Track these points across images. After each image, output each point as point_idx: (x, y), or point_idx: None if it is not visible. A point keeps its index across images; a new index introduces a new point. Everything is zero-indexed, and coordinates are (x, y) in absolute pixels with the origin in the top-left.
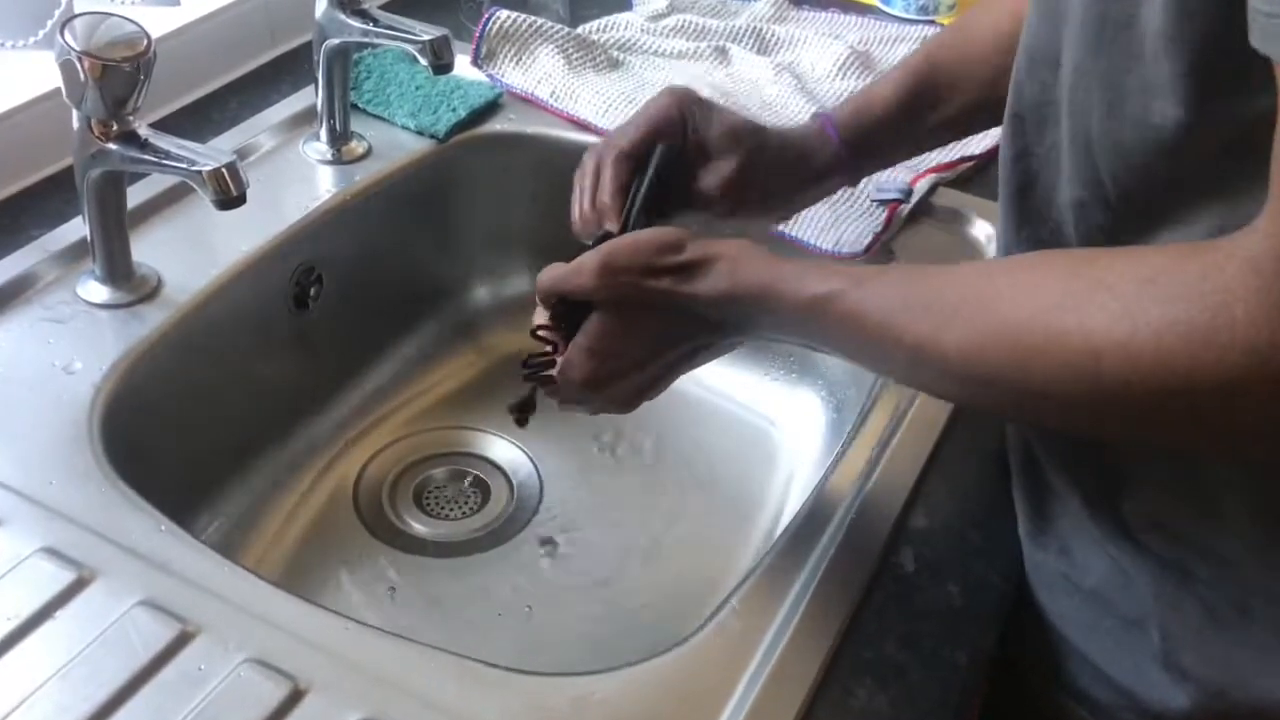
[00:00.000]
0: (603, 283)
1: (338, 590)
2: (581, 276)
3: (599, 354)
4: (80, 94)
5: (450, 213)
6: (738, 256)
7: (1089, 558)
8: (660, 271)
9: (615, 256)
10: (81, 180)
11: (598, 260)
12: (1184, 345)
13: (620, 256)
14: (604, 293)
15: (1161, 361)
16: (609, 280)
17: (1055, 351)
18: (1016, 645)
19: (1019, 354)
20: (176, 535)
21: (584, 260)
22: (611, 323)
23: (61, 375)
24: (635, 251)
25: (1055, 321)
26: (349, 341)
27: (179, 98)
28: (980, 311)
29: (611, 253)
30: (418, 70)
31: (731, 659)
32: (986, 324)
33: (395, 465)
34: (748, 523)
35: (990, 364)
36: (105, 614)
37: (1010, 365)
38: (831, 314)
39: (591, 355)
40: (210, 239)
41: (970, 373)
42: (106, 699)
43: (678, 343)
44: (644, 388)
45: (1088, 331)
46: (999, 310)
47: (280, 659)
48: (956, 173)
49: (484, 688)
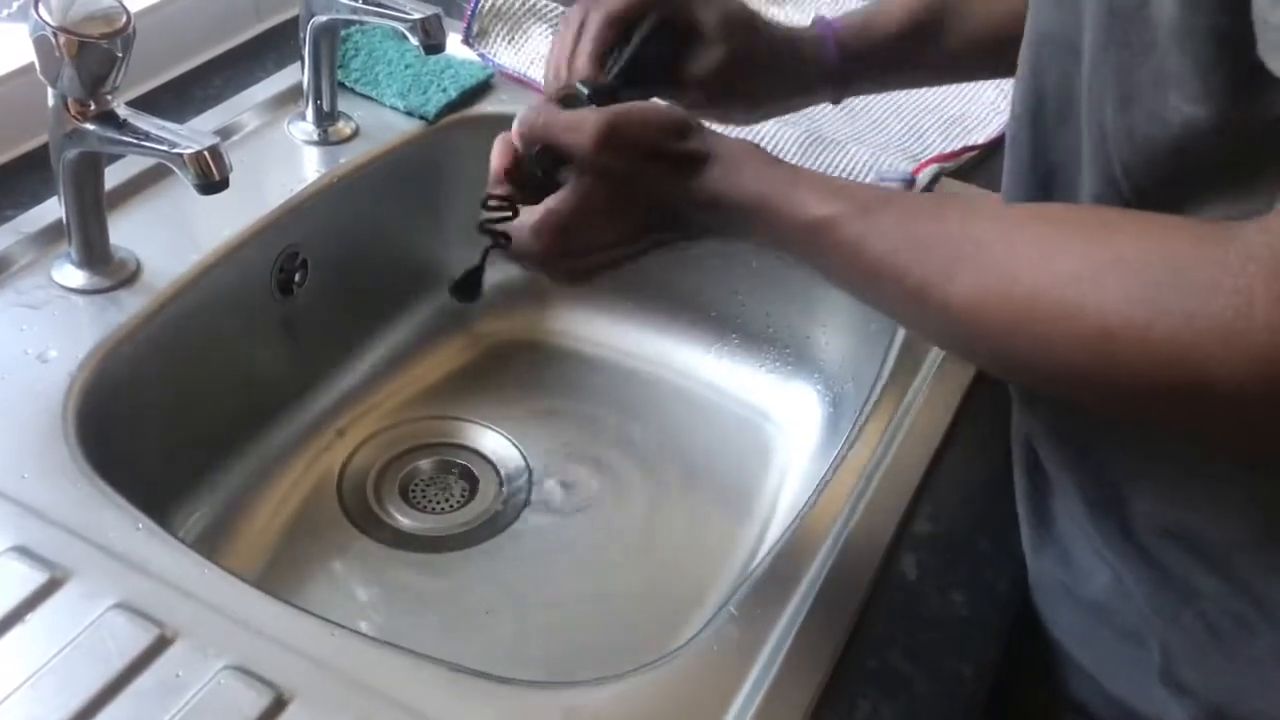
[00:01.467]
0: (602, 150)
1: (321, 586)
2: (579, 134)
3: (569, 227)
4: (56, 71)
5: (440, 196)
6: (739, 158)
7: (1089, 567)
8: (661, 155)
9: (622, 127)
10: (57, 161)
11: (602, 123)
12: (1201, 340)
13: (627, 128)
14: (598, 160)
15: (1176, 353)
16: (609, 149)
17: (1067, 324)
18: (1016, 652)
19: (1028, 318)
20: (155, 534)
21: (585, 117)
22: (591, 197)
23: (35, 363)
24: (643, 126)
25: (1071, 293)
26: (335, 328)
27: (159, 74)
28: (991, 264)
29: (618, 122)
30: (407, 49)
31: (730, 668)
32: (997, 280)
33: (381, 456)
34: (741, 519)
35: (995, 322)
36: (79, 617)
37: (1017, 328)
38: (829, 241)
39: (561, 228)
40: (192, 222)
41: (973, 327)
42: (80, 707)
43: (652, 231)
44: (602, 267)
45: (1104, 311)
46: (1011, 267)
47: (262, 666)
48: (959, 162)
49: (474, 698)
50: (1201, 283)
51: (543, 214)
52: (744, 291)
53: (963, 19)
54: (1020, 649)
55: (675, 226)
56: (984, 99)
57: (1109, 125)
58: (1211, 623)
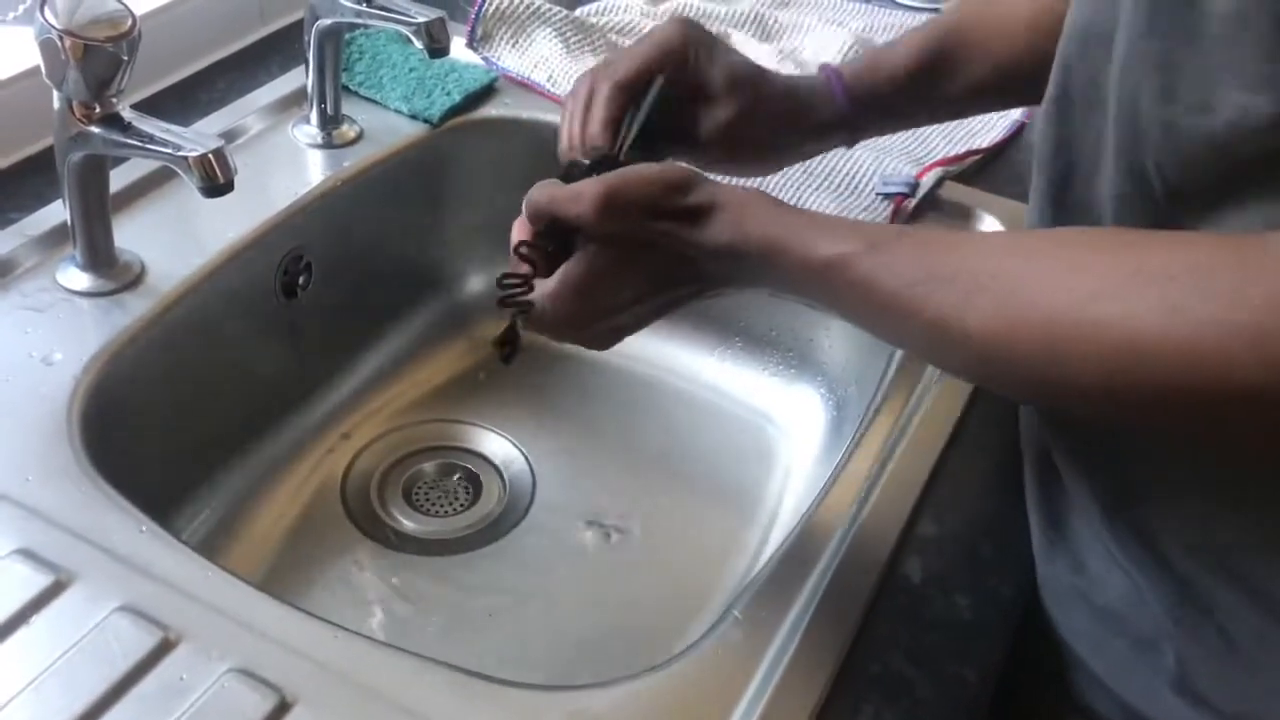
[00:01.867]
0: (603, 217)
1: (324, 589)
2: (580, 205)
3: (584, 292)
4: (61, 74)
5: (444, 199)
6: (745, 205)
7: (1104, 574)
8: (664, 213)
9: (620, 191)
10: (62, 163)
11: (601, 192)
12: (1226, 345)
13: (626, 192)
14: (602, 227)
15: (1206, 362)
16: (610, 215)
17: (1092, 341)
18: (1024, 657)
19: (1051, 341)
20: (159, 536)
21: (585, 188)
22: (602, 260)
23: (40, 366)
24: (641, 188)
25: (1095, 311)
26: (338, 332)
27: (164, 77)
28: (1010, 292)
29: (616, 186)
30: (411, 52)
31: (734, 672)
32: (1016, 306)
33: (385, 459)
34: (745, 522)
35: (1017, 348)
36: (83, 620)
37: (1039, 352)
38: (842, 280)
39: (577, 293)
40: (196, 225)
41: (993, 355)
42: (84, 710)
43: (669, 288)
44: (625, 328)
45: (1131, 324)
46: (1031, 292)
47: (266, 669)
48: (963, 166)
49: (477, 701)
50: (1226, 290)
51: (556, 284)
52: (748, 294)
53: (965, 59)
54: (1029, 652)
55: (690, 280)
56: None
57: (1144, 119)
58: (1231, 635)
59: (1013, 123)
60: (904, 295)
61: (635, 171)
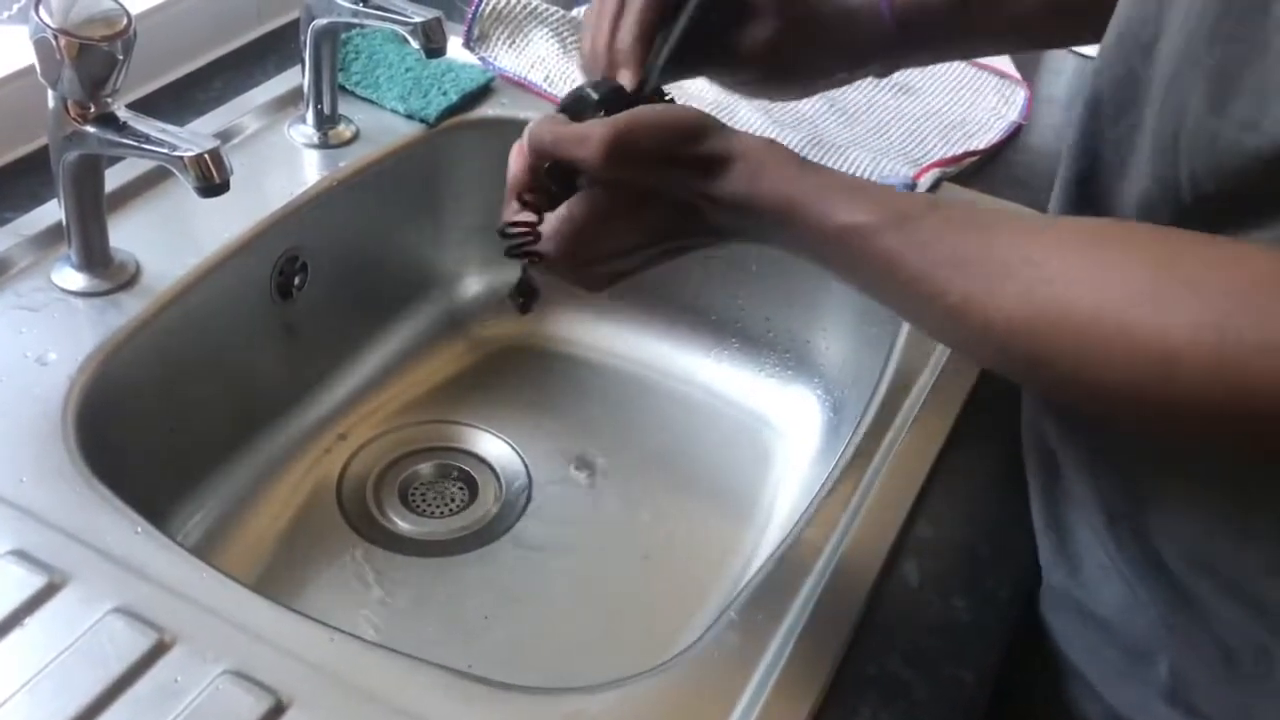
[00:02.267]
0: (610, 163)
1: (320, 591)
2: (586, 148)
3: (586, 234)
4: (56, 74)
5: (440, 200)
6: (763, 160)
7: (1102, 580)
8: (676, 162)
9: (629, 136)
10: (57, 163)
11: (609, 136)
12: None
13: (635, 137)
14: (609, 173)
15: (1247, 381)
16: (618, 162)
17: (1123, 347)
18: (1015, 660)
19: (1079, 341)
20: (154, 538)
21: (592, 130)
22: (607, 204)
23: (34, 366)
24: (653, 134)
25: (1129, 316)
26: (334, 332)
27: (160, 76)
28: (1039, 284)
29: (626, 132)
30: (408, 52)
31: (730, 675)
32: (1045, 302)
33: (381, 461)
34: (741, 524)
35: (1041, 344)
36: (77, 621)
37: (1066, 351)
38: (861, 251)
39: (578, 234)
40: (191, 225)
41: (1015, 347)
42: (78, 712)
43: (676, 236)
44: (626, 272)
45: (1167, 333)
46: (1061, 288)
47: (261, 671)
48: (960, 167)
49: (474, 704)
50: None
51: (556, 221)
52: (744, 296)
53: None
54: (1022, 656)
55: (699, 231)
56: (985, 104)
57: (1188, 128)
58: (1230, 649)
59: (1009, 124)
60: (926, 276)
61: (648, 115)
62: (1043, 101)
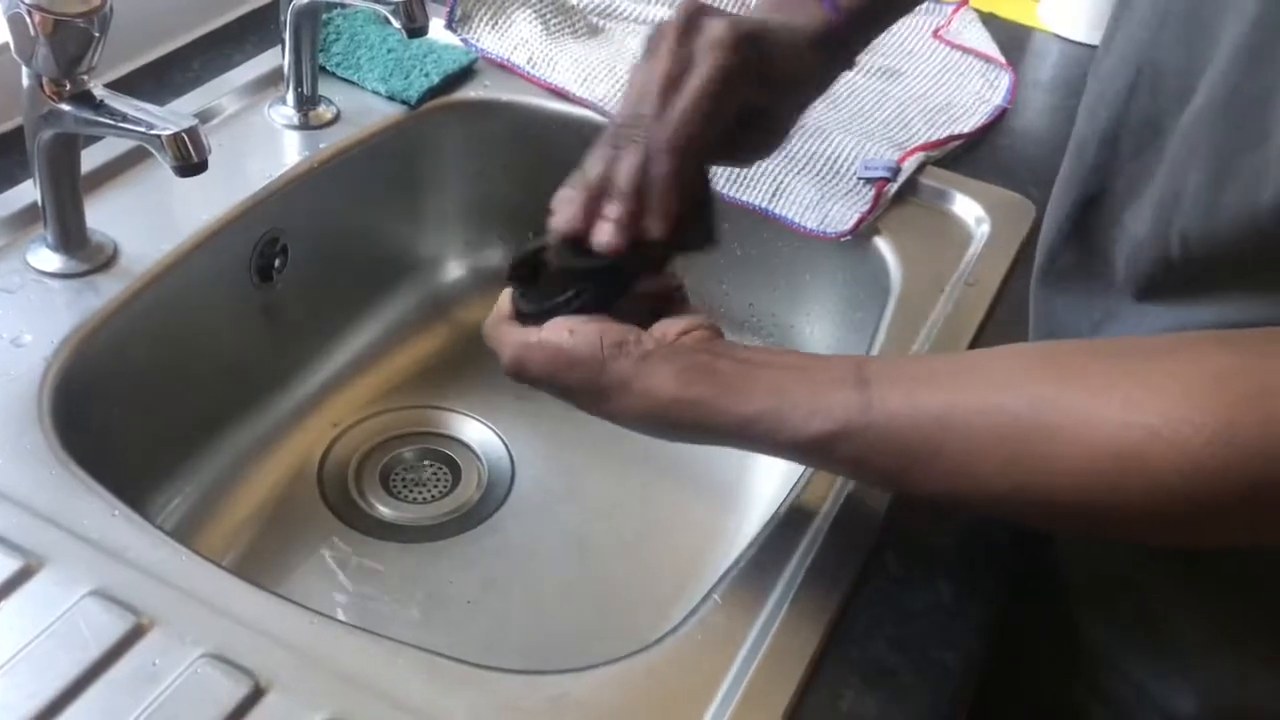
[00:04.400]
0: (512, 375)
1: (300, 575)
2: (501, 356)
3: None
4: (30, 50)
5: (422, 182)
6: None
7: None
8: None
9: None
10: (32, 142)
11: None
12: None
13: (531, 365)
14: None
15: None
16: (519, 376)
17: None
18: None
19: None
20: (131, 521)
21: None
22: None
23: (9, 348)
24: (542, 366)
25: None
26: (315, 315)
27: (137, 56)
28: (1029, 457)
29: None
30: (389, 33)
31: (715, 656)
32: (1045, 471)
33: (362, 445)
34: (725, 507)
35: (1047, 507)
36: (53, 605)
37: (1077, 505)
38: (837, 457)
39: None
40: (170, 206)
41: (1013, 510)
42: (54, 696)
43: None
44: None
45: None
46: (1052, 454)
47: (240, 655)
48: (945, 151)
49: (455, 686)
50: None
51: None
52: (728, 280)
53: None
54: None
55: None
56: (970, 88)
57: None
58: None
59: (994, 108)
60: (906, 470)
61: (552, 344)
62: (1027, 86)
